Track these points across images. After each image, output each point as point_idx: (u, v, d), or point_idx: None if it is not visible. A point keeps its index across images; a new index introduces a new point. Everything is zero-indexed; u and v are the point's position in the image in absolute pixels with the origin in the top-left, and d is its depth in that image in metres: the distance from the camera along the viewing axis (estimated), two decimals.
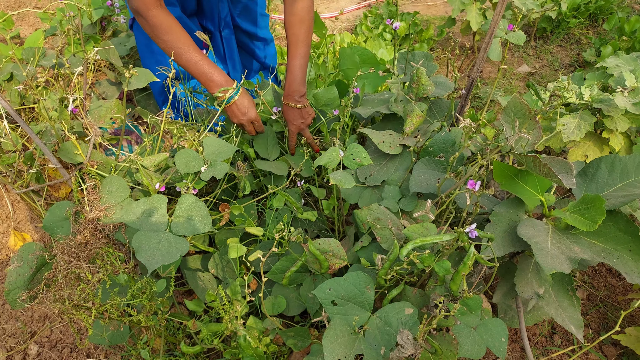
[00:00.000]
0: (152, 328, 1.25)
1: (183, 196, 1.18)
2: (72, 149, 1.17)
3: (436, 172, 1.32)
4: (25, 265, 1.18)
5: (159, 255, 1.05)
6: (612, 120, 1.35)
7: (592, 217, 1.04)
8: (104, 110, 1.24)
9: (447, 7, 3.61)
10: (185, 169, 1.23)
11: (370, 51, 1.65)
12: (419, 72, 1.36)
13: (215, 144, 1.32)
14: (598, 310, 1.62)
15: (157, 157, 1.24)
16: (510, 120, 1.15)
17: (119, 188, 1.16)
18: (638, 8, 3.31)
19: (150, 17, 1.36)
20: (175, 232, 1.13)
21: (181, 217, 1.16)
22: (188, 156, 1.26)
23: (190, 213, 1.16)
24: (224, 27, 1.94)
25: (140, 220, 1.13)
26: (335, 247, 1.22)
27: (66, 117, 1.15)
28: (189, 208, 1.17)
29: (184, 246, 1.10)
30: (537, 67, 2.90)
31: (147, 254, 1.06)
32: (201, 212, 1.17)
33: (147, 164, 1.22)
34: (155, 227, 1.12)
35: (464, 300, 0.99)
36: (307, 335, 1.21)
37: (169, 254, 1.07)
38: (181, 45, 1.38)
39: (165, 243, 1.09)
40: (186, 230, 1.14)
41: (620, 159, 1.16)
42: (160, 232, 1.11)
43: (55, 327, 1.53)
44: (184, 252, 1.08)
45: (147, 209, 1.14)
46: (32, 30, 3.16)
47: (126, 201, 1.17)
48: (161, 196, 1.18)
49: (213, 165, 1.24)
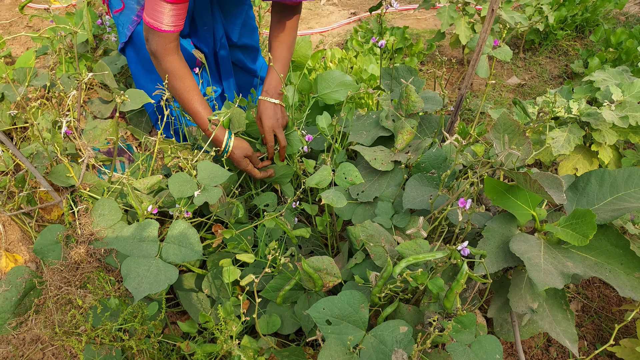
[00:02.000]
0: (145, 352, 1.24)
1: (175, 222, 1.16)
2: (64, 172, 1.17)
3: (429, 188, 1.33)
4: (13, 289, 1.16)
5: (146, 284, 1.04)
6: (600, 133, 1.37)
7: (584, 231, 1.05)
8: (99, 131, 1.24)
9: (436, 20, 3.66)
10: (179, 194, 1.22)
11: (344, 74, 1.69)
12: (408, 89, 1.38)
13: (210, 169, 1.31)
14: (592, 321, 1.62)
15: (150, 179, 1.23)
16: (500, 136, 1.16)
17: (111, 211, 1.15)
18: (624, 20, 3.37)
19: (165, 62, 1.43)
20: (166, 259, 1.12)
21: (172, 243, 1.15)
22: (182, 180, 1.26)
23: (181, 240, 1.15)
24: (220, 48, 1.96)
25: (131, 246, 1.12)
26: (329, 264, 1.22)
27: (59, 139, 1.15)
28: (180, 234, 1.16)
29: (172, 274, 1.08)
30: (527, 78, 2.93)
31: (135, 282, 1.04)
32: (192, 239, 1.15)
33: (139, 187, 1.21)
34: (146, 253, 1.11)
35: (458, 317, 0.99)
36: (302, 355, 1.20)
37: (157, 283, 1.05)
38: (188, 95, 1.47)
39: (154, 270, 1.08)
40: (176, 258, 1.12)
41: (609, 173, 1.17)
42: (150, 259, 1.10)
43: (48, 350, 1.51)
44: (172, 281, 1.07)
45: (138, 233, 1.13)
46: (24, 49, 3.16)
47: (118, 224, 1.16)
48: (152, 221, 1.16)
49: (206, 190, 1.23)
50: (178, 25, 1.39)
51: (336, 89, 1.69)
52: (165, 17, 1.34)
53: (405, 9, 3.82)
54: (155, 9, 1.33)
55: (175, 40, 1.42)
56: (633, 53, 2.45)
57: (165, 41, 1.40)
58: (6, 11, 3.69)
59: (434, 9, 3.70)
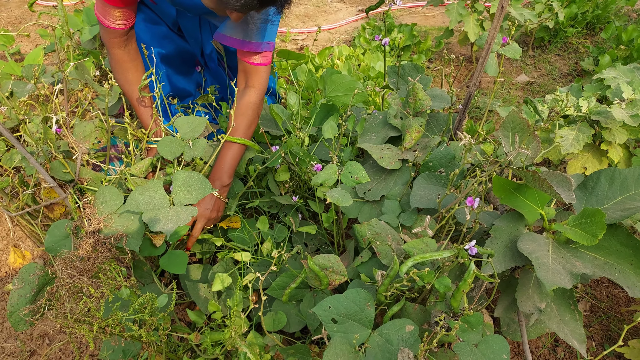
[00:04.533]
0: (153, 344, 1.24)
1: (175, 173, 1.26)
2: (61, 168, 1.19)
3: (436, 187, 1.32)
4: (27, 286, 1.17)
5: (171, 223, 1.15)
6: (610, 132, 1.35)
7: (593, 231, 1.04)
8: (88, 131, 1.26)
9: (444, 17, 3.63)
10: (171, 154, 1.33)
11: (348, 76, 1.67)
12: (415, 87, 1.37)
13: (186, 122, 1.41)
14: (601, 322, 1.61)
15: (143, 162, 1.30)
16: (508, 134, 1.15)
17: (113, 197, 1.19)
18: (635, 17, 3.33)
19: (110, 54, 1.52)
20: (180, 205, 1.22)
21: (180, 191, 1.24)
22: (168, 142, 1.36)
23: (188, 184, 1.25)
24: (209, 61, 1.96)
25: (143, 205, 1.20)
26: (335, 263, 1.22)
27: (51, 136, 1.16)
28: (185, 181, 1.26)
29: (192, 210, 1.19)
30: (536, 76, 2.90)
31: (161, 224, 1.15)
32: (198, 179, 1.26)
33: (135, 172, 1.25)
34: (159, 205, 1.21)
35: (465, 317, 0.99)
36: (308, 353, 1.20)
37: (180, 219, 1.17)
38: (129, 87, 1.55)
39: (173, 213, 1.19)
40: (189, 199, 1.23)
41: (620, 172, 1.16)
42: (165, 208, 1.20)
43: (55, 346, 1.52)
44: (194, 213, 1.19)
45: (146, 194, 1.22)
46: (33, 47, 3.18)
47: (122, 208, 1.22)
48: (157, 181, 1.25)
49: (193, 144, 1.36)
50: (123, 24, 1.45)
51: (345, 93, 1.68)
52: (108, 15, 1.42)
53: (414, 6, 3.80)
54: (102, 5, 1.41)
55: (121, 36, 1.48)
56: None
57: (110, 35, 1.47)
58: (15, 8, 3.72)
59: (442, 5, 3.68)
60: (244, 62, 1.50)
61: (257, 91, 1.52)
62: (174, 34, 1.85)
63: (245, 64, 1.50)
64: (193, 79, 2.02)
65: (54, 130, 1.20)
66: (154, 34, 1.78)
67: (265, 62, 1.50)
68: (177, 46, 1.85)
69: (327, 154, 1.63)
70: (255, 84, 1.52)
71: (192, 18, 1.81)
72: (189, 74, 1.99)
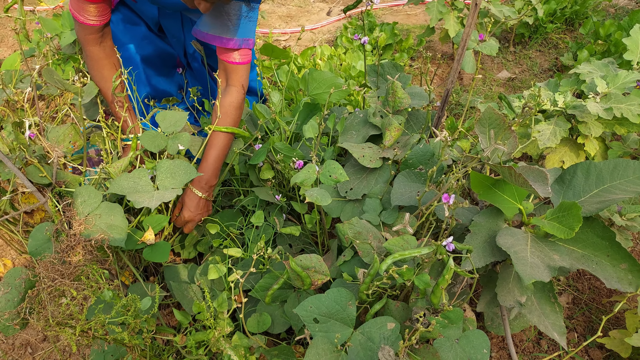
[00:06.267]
0: (137, 348, 1.24)
1: (159, 162, 1.27)
2: (37, 172, 1.18)
3: (416, 184, 1.33)
4: (14, 290, 1.16)
5: (156, 200, 1.17)
6: (586, 125, 1.37)
7: (570, 224, 1.05)
8: (62, 135, 1.25)
9: (426, 16, 3.65)
10: (155, 147, 1.34)
11: (329, 72, 1.68)
12: (394, 86, 1.37)
13: (168, 117, 1.42)
14: (583, 313, 1.63)
15: (121, 161, 1.31)
16: (485, 130, 1.16)
17: (91, 196, 1.20)
18: (613, 12, 3.37)
19: (85, 50, 1.52)
20: (164, 189, 1.23)
21: (165, 177, 1.26)
22: (151, 136, 1.37)
23: (172, 171, 1.27)
24: (192, 61, 1.95)
25: (127, 190, 1.21)
26: (317, 262, 1.22)
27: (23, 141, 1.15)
28: (169, 168, 1.28)
29: (177, 190, 1.21)
30: (517, 72, 2.93)
31: (145, 202, 1.17)
32: (182, 166, 1.27)
33: (113, 170, 1.25)
34: (143, 189, 1.23)
35: (445, 313, 0.99)
36: (292, 353, 1.20)
37: (165, 197, 1.19)
38: (105, 84, 1.54)
39: (158, 194, 1.22)
40: (174, 183, 1.25)
41: (595, 165, 1.17)
42: (150, 192, 1.23)
43: (37, 355, 1.50)
44: (179, 192, 1.22)
45: (131, 180, 1.24)
46: (11, 52, 3.14)
47: (102, 205, 1.22)
48: (142, 169, 1.26)
49: (175, 138, 1.37)
50: (98, 20, 1.44)
51: (327, 90, 1.68)
52: (82, 11, 1.41)
53: (396, 5, 3.82)
54: (76, 1, 1.41)
55: (95, 32, 1.48)
56: (622, 45, 2.45)
57: (85, 32, 1.47)
58: None
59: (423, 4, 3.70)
60: (223, 62, 1.50)
61: (238, 90, 1.53)
62: (153, 35, 1.83)
63: (225, 63, 1.50)
64: (174, 80, 2.00)
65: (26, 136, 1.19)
66: (133, 35, 1.77)
67: (245, 60, 1.50)
68: (156, 47, 1.84)
69: (309, 154, 1.63)
70: (235, 82, 1.53)
71: (173, 17, 1.80)
72: (170, 76, 1.98)
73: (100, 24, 1.46)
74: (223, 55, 1.48)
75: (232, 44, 1.44)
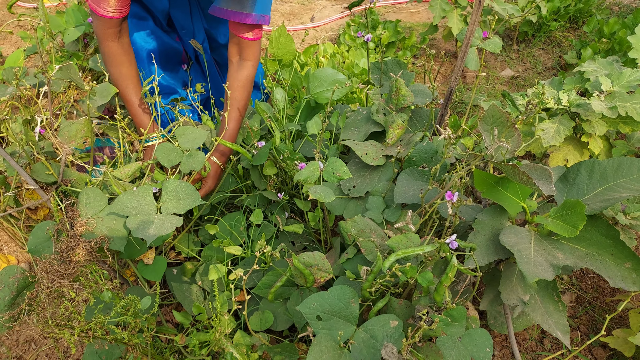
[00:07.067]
0: (138, 346, 1.24)
1: (166, 181, 1.23)
2: (43, 170, 1.17)
3: (420, 182, 1.33)
4: (6, 288, 1.16)
5: (154, 230, 1.12)
6: (590, 124, 1.36)
7: (573, 222, 1.05)
8: (74, 131, 1.24)
9: (429, 13, 3.64)
10: (168, 162, 1.30)
11: (330, 69, 1.69)
12: (398, 83, 1.37)
13: (189, 132, 1.38)
14: (587, 312, 1.63)
15: (130, 166, 1.27)
16: (489, 128, 1.15)
17: (96, 198, 1.18)
18: (617, 10, 3.36)
19: (103, 46, 1.47)
20: (167, 213, 1.19)
21: (169, 199, 1.22)
22: (167, 149, 1.33)
23: (177, 193, 1.23)
24: (199, 54, 1.95)
25: (130, 209, 1.18)
26: (320, 260, 1.22)
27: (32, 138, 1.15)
28: (174, 190, 1.23)
29: (177, 220, 1.17)
30: (520, 70, 2.92)
31: (143, 232, 1.13)
32: (187, 190, 1.23)
33: (120, 175, 1.23)
34: (145, 211, 1.19)
35: (448, 311, 0.99)
36: (295, 351, 1.20)
37: (164, 228, 1.15)
38: (123, 82, 1.50)
39: (158, 221, 1.16)
40: (177, 209, 1.20)
41: (599, 164, 1.17)
42: (151, 215, 1.18)
43: (42, 350, 1.51)
44: (179, 224, 1.16)
45: (134, 199, 1.20)
46: (15, 49, 3.14)
47: (106, 209, 1.20)
48: (147, 187, 1.23)
49: (191, 156, 1.32)
50: (117, 12, 1.41)
51: (329, 87, 1.68)
52: (102, 2, 1.38)
53: (399, 2, 3.81)
54: None
55: (115, 26, 1.44)
56: (626, 43, 2.44)
57: (105, 26, 1.43)
58: None
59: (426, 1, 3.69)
60: (237, 37, 1.52)
61: (253, 64, 1.57)
62: (160, 30, 1.84)
63: (240, 39, 1.53)
64: (179, 76, 2.00)
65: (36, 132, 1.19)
66: (140, 30, 1.77)
67: (258, 36, 1.55)
68: (162, 42, 1.84)
69: (312, 151, 1.63)
70: (250, 57, 1.56)
71: (182, 8, 1.80)
72: (175, 72, 1.98)
73: (120, 17, 1.43)
74: (238, 31, 1.50)
75: (250, 20, 1.46)
